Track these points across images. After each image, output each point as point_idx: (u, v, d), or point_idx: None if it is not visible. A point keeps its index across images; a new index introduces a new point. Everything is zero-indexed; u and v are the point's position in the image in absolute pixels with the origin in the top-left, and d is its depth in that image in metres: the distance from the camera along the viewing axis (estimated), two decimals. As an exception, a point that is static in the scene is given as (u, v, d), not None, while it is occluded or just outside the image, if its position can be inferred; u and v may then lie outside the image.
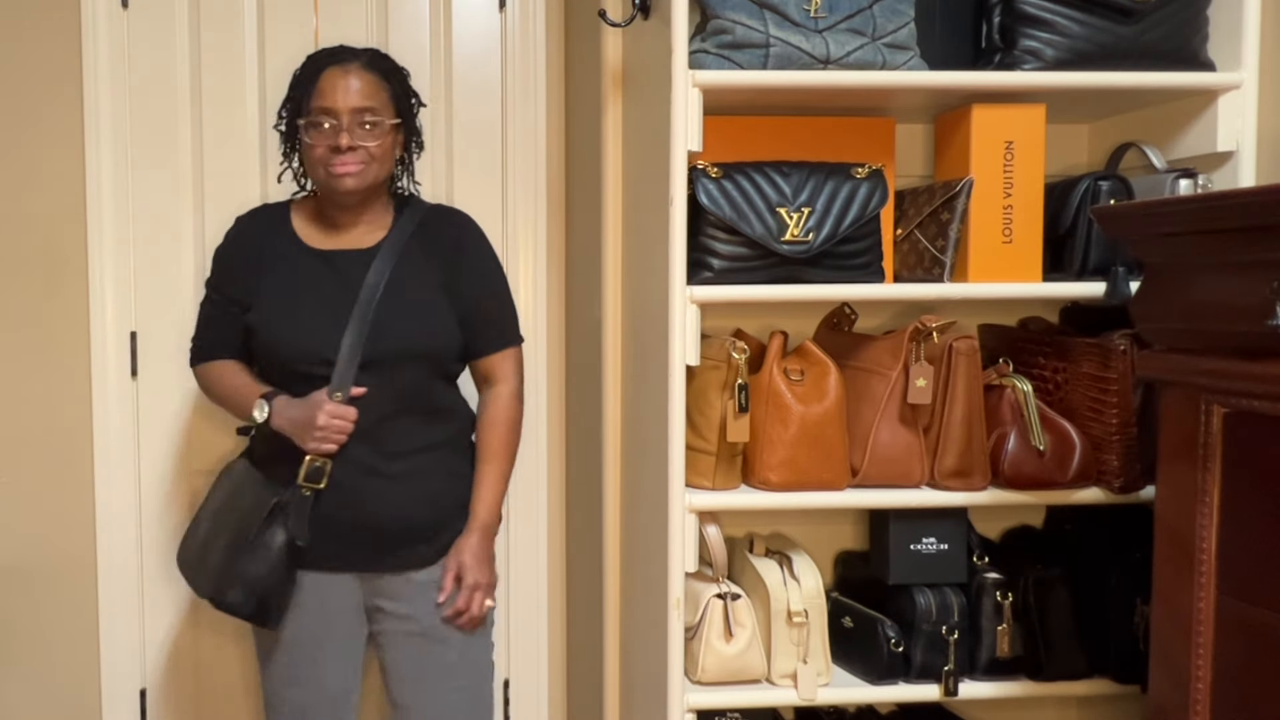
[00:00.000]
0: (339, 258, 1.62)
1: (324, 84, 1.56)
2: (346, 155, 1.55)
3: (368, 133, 1.56)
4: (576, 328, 2.14)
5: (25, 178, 2.08)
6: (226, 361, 1.68)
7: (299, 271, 1.62)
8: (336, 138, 1.55)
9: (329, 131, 1.55)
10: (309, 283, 1.61)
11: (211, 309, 1.69)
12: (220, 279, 1.68)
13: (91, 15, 2.05)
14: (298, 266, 1.62)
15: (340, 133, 1.55)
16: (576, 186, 2.12)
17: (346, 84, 1.56)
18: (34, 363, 2.10)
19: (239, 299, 1.64)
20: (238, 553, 1.57)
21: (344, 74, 1.57)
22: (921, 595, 1.63)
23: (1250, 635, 1.07)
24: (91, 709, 2.15)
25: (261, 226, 1.68)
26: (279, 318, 1.60)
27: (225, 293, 1.66)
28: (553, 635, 2.24)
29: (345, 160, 1.55)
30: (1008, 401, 1.60)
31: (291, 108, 1.63)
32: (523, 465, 2.20)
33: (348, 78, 1.57)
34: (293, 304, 1.60)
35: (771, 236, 1.51)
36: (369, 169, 1.58)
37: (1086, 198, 1.58)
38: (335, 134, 1.55)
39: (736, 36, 1.49)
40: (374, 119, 1.57)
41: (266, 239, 1.65)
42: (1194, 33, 1.57)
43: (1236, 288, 1.07)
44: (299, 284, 1.61)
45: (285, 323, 1.59)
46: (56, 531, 2.13)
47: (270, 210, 1.72)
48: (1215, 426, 1.11)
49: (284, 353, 1.60)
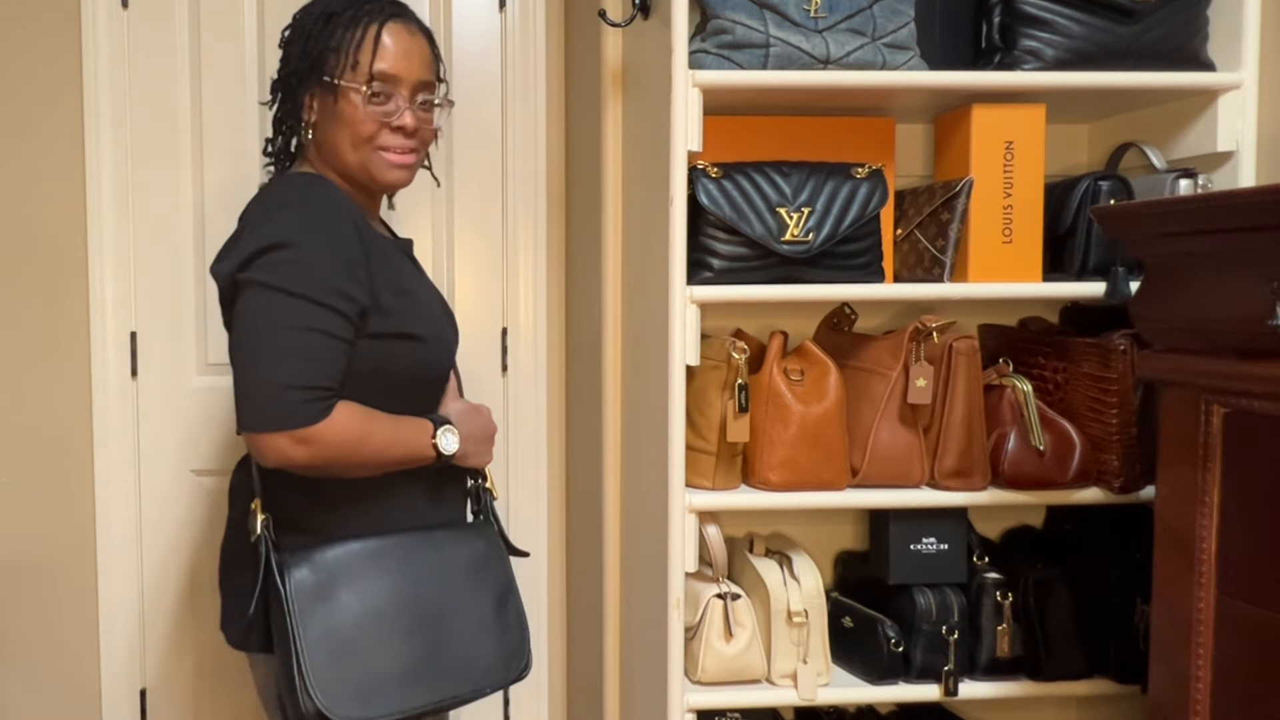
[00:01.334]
0: (403, 246, 1.38)
1: (390, 42, 1.25)
2: (409, 139, 1.28)
3: (426, 113, 1.30)
4: (576, 328, 2.14)
5: (25, 178, 2.08)
6: (352, 405, 1.20)
7: (407, 268, 1.34)
8: (400, 116, 1.26)
9: (389, 105, 1.25)
10: (417, 278, 1.36)
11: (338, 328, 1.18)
12: (348, 284, 1.18)
13: (91, 15, 2.05)
14: (400, 259, 1.33)
15: (404, 111, 1.26)
16: (576, 186, 2.12)
17: (414, 47, 1.27)
18: (34, 363, 2.10)
19: (367, 308, 1.22)
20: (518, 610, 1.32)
21: (410, 34, 1.28)
22: (921, 595, 1.63)
23: (1250, 635, 1.07)
24: (91, 709, 2.16)
25: (353, 213, 1.25)
26: (433, 321, 1.32)
27: (358, 301, 1.20)
28: (553, 635, 2.24)
29: (404, 145, 1.28)
30: (1008, 401, 1.60)
31: (327, 60, 1.25)
32: (523, 465, 2.21)
33: (415, 40, 1.28)
34: (429, 306, 1.34)
35: (771, 236, 1.51)
36: (419, 157, 1.32)
37: (1086, 198, 1.58)
38: (398, 111, 1.26)
39: (736, 36, 1.49)
40: (431, 99, 1.31)
41: (365, 230, 1.25)
42: (1194, 33, 1.57)
43: (1236, 288, 1.07)
44: (415, 282, 1.34)
45: (436, 323, 1.33)
46: (56, 531, 2.13)
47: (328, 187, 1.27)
48: (1215, 426, 1.11)
49: (447, 358, 1.34)
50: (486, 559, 1.30)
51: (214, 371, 2.13)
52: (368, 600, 1.20)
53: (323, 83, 1.25)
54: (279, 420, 1.13)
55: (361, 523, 1.25)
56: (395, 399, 1.25)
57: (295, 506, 1.25)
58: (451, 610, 1.25)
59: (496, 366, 2.20)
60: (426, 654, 1.22)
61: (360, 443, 1.18)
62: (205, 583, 2.16)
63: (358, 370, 1.21)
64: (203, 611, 2.16)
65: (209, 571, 2.16)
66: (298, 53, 1.27)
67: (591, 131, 1.91)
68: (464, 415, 1.32)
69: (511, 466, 2.20)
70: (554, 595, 2.24)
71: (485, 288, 2.19)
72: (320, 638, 1.17)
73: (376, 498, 1.26)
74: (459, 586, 1.27)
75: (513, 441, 2.20)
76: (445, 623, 1.24)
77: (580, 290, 2.10)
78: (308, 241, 1.17)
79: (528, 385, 2.20)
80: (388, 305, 1.23)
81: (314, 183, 1.25)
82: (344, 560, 1.21)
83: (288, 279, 1.15)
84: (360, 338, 1.21)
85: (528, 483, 2.21)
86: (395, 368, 1.24)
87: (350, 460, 1.19)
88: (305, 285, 1.15)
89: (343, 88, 1.24)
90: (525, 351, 2.20)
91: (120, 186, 2.09)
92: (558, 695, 2.26)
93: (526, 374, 2.20)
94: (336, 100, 1.25)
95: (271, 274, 1.15)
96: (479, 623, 1.26)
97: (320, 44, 1.25)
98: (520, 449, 2.21)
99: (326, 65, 1.25)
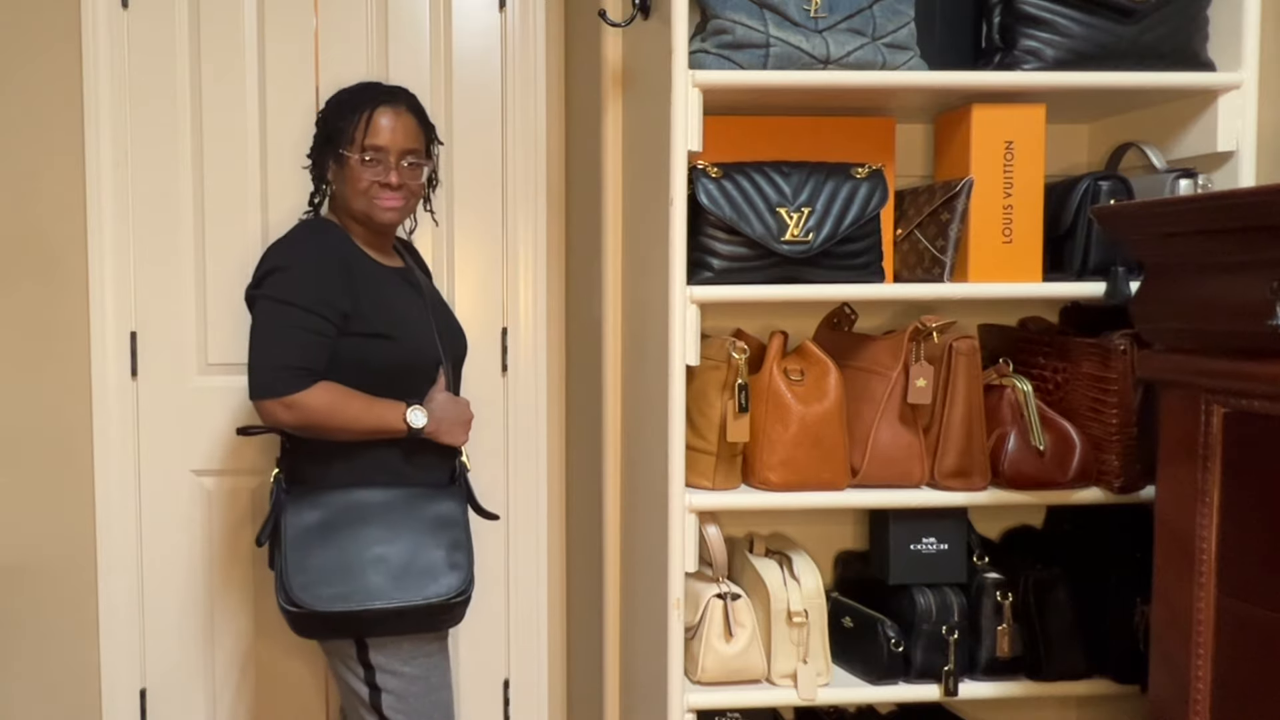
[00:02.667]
0: (403, 273, 1.74)
1: (379, 121, 1.65)
2: (396, 192, 1.65)
3: (411, 172, 1.67)
4: (576, 328, 2.14)
5: (25, 178, 2.08)
6: (333, 384, 1.59)
7: (394, 285, 1.69)
8: (387, 175, 1.64)
9: (379, 168, 1.64)
10: (403, 294, 1.70)
11: (318, 326, 1.57)
12: (329, 295, 1.58)
13: (91, 15, 2.05)
14: (389, 282, 1.69)
15: (390, 170, 1.64)
16: (576, 186, 2.12)
17: (398, 125, 1.66)
18: (34, 363, 2.10)
19: (348, 313, 1.59)
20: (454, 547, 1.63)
21: (396, 115, 1.66)
22: (921, 595, 1.63)
23: (1250, 635, 1.07)
24: (91, 709, 2.16)
25: (342, 246, 1.65)
26: (408, 325, 1.66)
27: (337, 308, 1.57)
28: (553, 635, 2.24)
29: (393, 196, 1.65)
30: (1008, 401, 1.60)
31: (339, 136, 1.66)
32: (523, 465, 2.21)
33: (400, 119, 1.66)
34: (407, 314, 1.68)
35: (771, 236, 1.51)
36: (409, 204, 1.70)
37: (1086, 198, 1.58)
38: (386, 171, 1.64)
39: (736, 36, 1.49)
40: (416, 160, 1.68)
41: (352, 257, 1.64)
42: (1194, 33, 1.57)
43: (1236, 288, 1.07)
44: (401, 297, 1.69)
45: (412, 328, 1.67)
46: (56, 531, 2.13)
47: (331, 229, 1.68)
48: (1215, 426, 1.11)
49: (417, 355, 1.67)
50: (449, 518, 1.65)
51: (214, 371, 2.13)
52: (343, 534, 1.60)
53: (337, 154, 1.66)
54: (271, 390, 1.55)
55: (344, 475, 1.63)
56: (379, 386, 1.62)
57: (299, 464, 1.67)
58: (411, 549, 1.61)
59: (496, 366, 2.20)
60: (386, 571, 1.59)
61: (336, 409, 1.58)
62: (205, 582, 2.16)
63: (346, 362, 1.59)
64: (203, 611, 2.16)
65: (209, 571, 2.16)
66: (319, 132, 1.71)
67: (591, 131, 1.91)
68: (443, 402, 1.67)
69: (512, 466, 2.20)
70: (554, 595, 2.24)
71: (485, 288, 2.19)
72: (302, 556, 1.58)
73: (359, 457, 1.64)
74: (421, 533, 1.62)
75: (513, 441, 2.20)
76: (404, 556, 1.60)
77: (580, 290, 2.10)
78: (300, 265, 1.59)
79: (528, 385, 2.20)
80: (367, 313, 1.61)
81: (315, 226, 1.68)
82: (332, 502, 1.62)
83: (282, 291, 1.57)
84: (344, 336, 1.59)
85: (528, 482, 2.21)
86: (374, 360, 1.62)
87: (329, 423, 1.58)
88: (295, 296, 1.56)
89: (347, 156, 1.65)
90: (525, 351, 2.20)
91: (120, 186, 2.09)
92: (558, 695, 2.26)
93: (526, 374, 2.20)
94: (343, 166, 1.66)
95: (272, 289, 1.58)
96: (430, 560, 1.61)
97: (333, 125, 1.67)
98: (520, 448, 2.21)
99: (338, 140, 1.66)
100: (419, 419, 1.62)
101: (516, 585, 2.22)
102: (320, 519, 1.61)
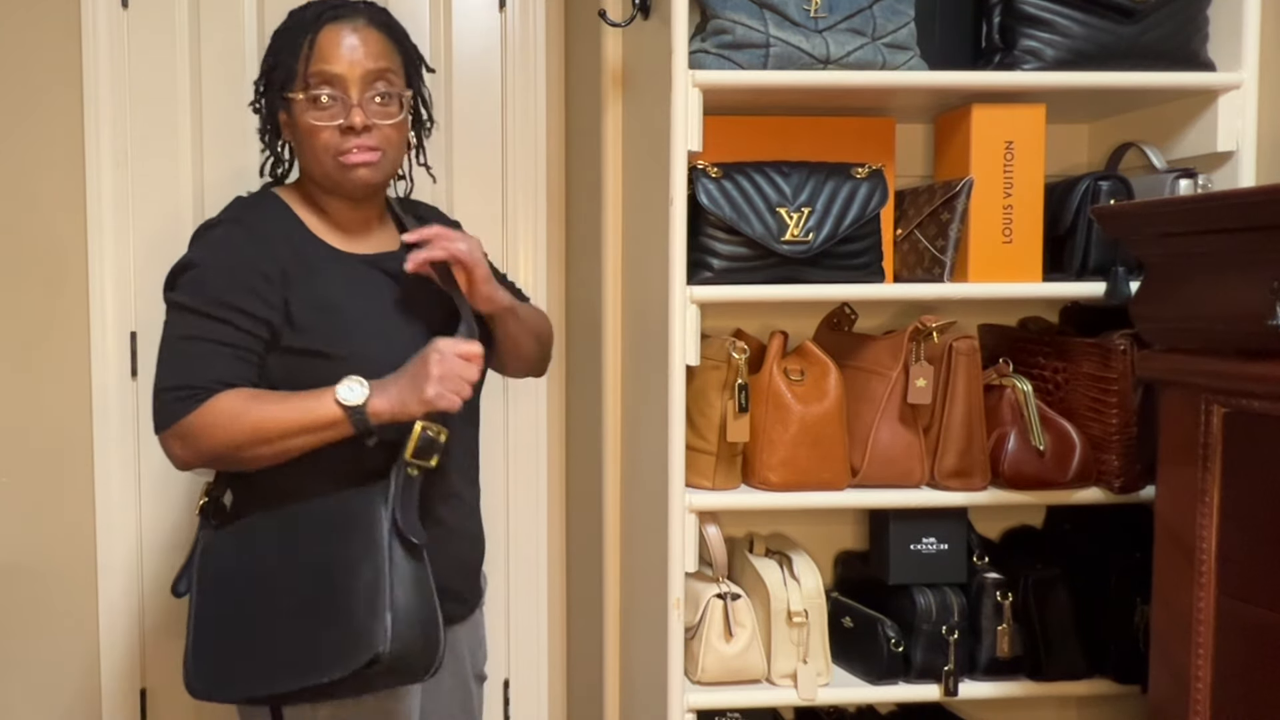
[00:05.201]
0: (387, 260, 1.32)
1: (324, 43, 1.22)
2: (362, 138, 1.23)
3: (383, 108, 1.25)
4: (576, 328, 2.14)
5: (25, 178, 2.08)
6: (239, 390, 1.22)
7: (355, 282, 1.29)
8: (347, 115, 1.22)
9: (335, 107, 1.23)
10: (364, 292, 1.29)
11: (227, 336, 1.21)
12: (240, 299, 1.22)
13: (91, 15, 2.05)
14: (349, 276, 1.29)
15: (351, 108, 1.22)
16: (576, 186, 2.12)
17: (354, 43, 1.22)
18: (34, 363, 2.10)
19: (272, 323, 1.24)
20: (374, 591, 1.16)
21: (350, 30, 1.24)
22: (921, 595, 1.63)
23: (1250, 635, 1.07)
24: (91, 709, 2.15)
25: (279, 230, 1.27)
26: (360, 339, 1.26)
27: (256, 315, 1.22)
28: (553, 635, 2.24)
29: (361, 144, 1.23)
30: (1008, 401, 1.60)
31: (277, 76, 1.25)
32: (523, 465, 2.21)
33: (358, 34, 1.24)
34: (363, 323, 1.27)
35: (771, 236, 1.51)
36: (387, 155, 1.27)
37: (1086, 198, 1.58)
38: (344, 110, 1.22)
39: (736, 36, 1.49)
40: (388, 89, 1.25)
41: (291, 246, 1.27)
42: (1194, 33, 1.57)
43: (1236, 288, 1.07)
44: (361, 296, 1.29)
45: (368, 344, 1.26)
46: (56, 531, 2.13)
47: (269, 206, 1.30)
48: (1215, 426, 1.11)
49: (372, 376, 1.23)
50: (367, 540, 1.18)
51: (214, 371, 2.12)
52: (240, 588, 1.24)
53: (283, 99, 1.26)
54: (158, 422, 1.22)
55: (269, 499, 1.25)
56: None
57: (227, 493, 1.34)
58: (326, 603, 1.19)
59: (496, 366, 2.20)
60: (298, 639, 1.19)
61: (236, 417, 1.18)
62: (205, 583, 2.16)
63: (274, 382, 1.25)
64: (203, 611, 2.16)
65: (209, 571, 2.15)
66: (260, 76, 1.30)
67: (591, 131, 1.91)
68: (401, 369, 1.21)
69: (512, 466, 2.20)
70: (554, 595, 2.24)
71: (485, 288, 2.19)
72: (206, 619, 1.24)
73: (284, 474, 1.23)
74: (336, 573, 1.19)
75: (513, 442, 2.20)
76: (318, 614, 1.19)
77: (580, 290, 2.10)
78: (213, 261, 1.23)
79: (528, 385, 2.20)
80: (302, 322, 1.24)
81: (248, 204, 1.30)
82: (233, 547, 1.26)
83: (185, 294, 1.23)
84: (273, 352, 1.25)
85: (528, 483, 2.21)
86: (304, 382, 1.21)
87: (234, 439, 1.18)
88: (199, 300, 1.22)
89: (298, 99, 1.24)
90: (525, 351, 2.20)
91: (120, 186, 2.09)
92: (558, 695, 2.26)
93: (526, 374, 2.20)
94: (291, 114, 1.26)
95: (178, 292, 1.24)
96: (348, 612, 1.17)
97: (270, 60, 1.27)
98: (520, 449, 2.21)
99: (281, 82, 1.25)
100: (355, 392, 1.17)
101: (517, 585, 2.22)
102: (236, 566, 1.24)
